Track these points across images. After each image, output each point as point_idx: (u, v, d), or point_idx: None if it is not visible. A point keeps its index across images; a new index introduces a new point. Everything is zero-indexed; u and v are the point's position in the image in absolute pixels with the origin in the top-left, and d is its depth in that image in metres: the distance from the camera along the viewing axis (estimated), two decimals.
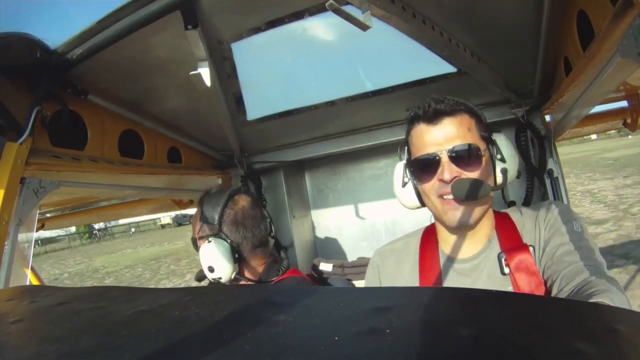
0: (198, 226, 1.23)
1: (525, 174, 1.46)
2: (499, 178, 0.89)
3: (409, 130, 0.92)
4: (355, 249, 1.95)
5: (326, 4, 0.71)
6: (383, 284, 1.02)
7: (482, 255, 0.91)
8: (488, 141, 0.89)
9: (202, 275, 1.20)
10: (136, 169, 1.40)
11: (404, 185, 0.95)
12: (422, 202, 0.94)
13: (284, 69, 1.38)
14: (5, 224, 0.92)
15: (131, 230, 35.64)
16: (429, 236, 1.00)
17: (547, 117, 1.50)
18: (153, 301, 0.36)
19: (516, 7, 1.07)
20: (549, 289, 0.80)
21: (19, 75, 1.03)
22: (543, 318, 0.25)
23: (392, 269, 1.01)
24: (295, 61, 1.35)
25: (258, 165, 1.82)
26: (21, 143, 0.97)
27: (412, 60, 1.29)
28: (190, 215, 1.56)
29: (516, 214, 0.94)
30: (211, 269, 1.14)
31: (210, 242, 1.15)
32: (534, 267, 0.84)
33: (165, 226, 34.79)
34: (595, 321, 0.25)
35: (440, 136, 0.85)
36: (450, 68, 1.30)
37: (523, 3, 1.05)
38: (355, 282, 1.60)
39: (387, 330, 0.24)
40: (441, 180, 0.85)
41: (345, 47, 1.27)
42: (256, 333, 0.26)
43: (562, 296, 0.74)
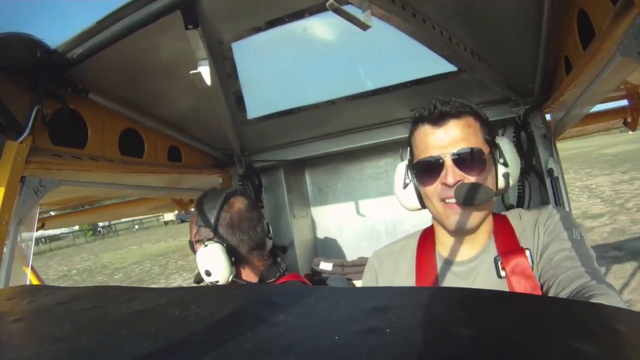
0: (195, 229, 1.23)
1: (522, 174, 1.45)
2: (501, 182, 0.88)
3: (413, 130, 0.91)
4: (355, 249, 1.95)
5: (326, 4, 0.71)
6: (380, 285, 1.01)
7: (479, 258, 0.90)
8: (491, 144, 0.88)
9: (200, 278, 1.20)
10: (136, 168, 1.40)
11: (405, 186, 0.94)
12: (423, 204, 0.93)
13: (284, 68, 1.38)
14: (5, 223, 0.92)
15: (135, 227, 35.49)
16: (427, 238, 0.99)
17: (548, 116, 1.50)
18: (153, 301, 0.36)
19: (516, 6, 1.07)
20: (545, 294, 0.80)
21: (19, 74, 1.03)
22: (543, 318, 0.25)
23: (390, 271, 1.00)
24: (295, 60, 1.35)
25: (258, 164, 1.81)
26: (21, 142, 0.97)
27: (413, 59, 1.29)
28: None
29: (515, 218, 0.94)
30: (208, 273, 1.14)
31: (206, 246, 1.15)
32: (530, 271, 0.84)
33: (168, 223, 34.56)
34: (595, 321, 0.25)
35: (445, 139, 0.84)
36: (450, 67, 1.30)
37: (523, 2, 1.05)
38: (355, 282, 1.60)
39: (387, 330, 0.24)
40: (444, 183, 0.84)
41: (345, 47, 1.27)
42: (256, 333, 0.26)
43: None
